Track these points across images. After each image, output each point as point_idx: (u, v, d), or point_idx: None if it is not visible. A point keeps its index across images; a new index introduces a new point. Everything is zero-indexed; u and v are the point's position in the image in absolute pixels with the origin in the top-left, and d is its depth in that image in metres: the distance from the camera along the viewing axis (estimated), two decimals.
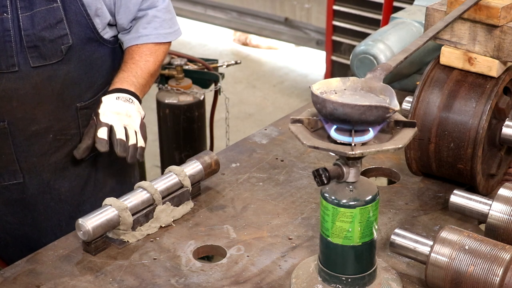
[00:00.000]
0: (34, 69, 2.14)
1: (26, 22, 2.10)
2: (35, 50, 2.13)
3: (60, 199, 2.36)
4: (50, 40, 2.13)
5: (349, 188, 1.58)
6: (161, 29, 2.34)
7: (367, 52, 2.39)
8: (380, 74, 1.60)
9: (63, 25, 2.14)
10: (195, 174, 2.03)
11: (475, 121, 1.92)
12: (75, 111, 2.27)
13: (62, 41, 2.15)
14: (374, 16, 5.61)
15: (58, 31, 2.13)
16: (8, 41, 2.09)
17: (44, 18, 2.11)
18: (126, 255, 1.84)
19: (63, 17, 2.13)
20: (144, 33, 2.33)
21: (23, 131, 2.21)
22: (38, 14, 2.10)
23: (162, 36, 2.35)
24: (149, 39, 2.33)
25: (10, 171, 2.27)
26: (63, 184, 2.35)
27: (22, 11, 2.09)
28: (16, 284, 1.73)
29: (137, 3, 2.29)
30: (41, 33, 2.11)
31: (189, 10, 7.54)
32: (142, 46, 2.33)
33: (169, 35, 2.38)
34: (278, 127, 2.47)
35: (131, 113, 2.15)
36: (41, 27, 2.11)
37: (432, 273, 1.62)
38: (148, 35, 2.33)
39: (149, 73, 2.31)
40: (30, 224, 2.36)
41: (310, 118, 1.58)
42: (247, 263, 1.81)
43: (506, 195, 1.77)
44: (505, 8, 1.86)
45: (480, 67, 1.95)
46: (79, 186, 2.38)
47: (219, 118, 4.71)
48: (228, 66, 4.23)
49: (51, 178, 2.32)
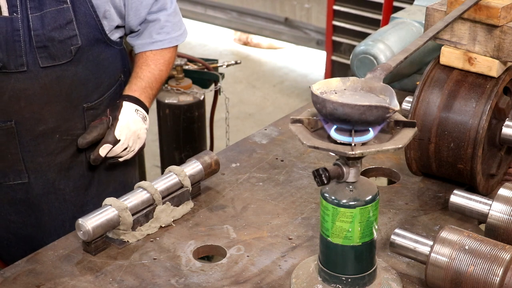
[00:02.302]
0: (43, 70, 2.15)
1: (36, 22, 2.10)
2: (44, 50, 2.13)
3: (64, 199, 2.37)
4: (59, 40, 2.14)
5: (349, 188, 1.58)
6: (173, 33, 2.40)
7: (367, 52, 2.39)
8: (380, 74, 1.60)
9: (73, 26, 2.15)
10: (195, 174, 2.03)
11: (475, 121, 1.92)
12: (81, 111, 2.28)
13: (71, 42, 2.16)
14: (374, 16, 5.61)
15: (67, 31, 2.15)
16: (17, 41, 2.10)
17: (54, 18, 2.12)
18: (126, 255, 1.84)
19: (73, 18, 2.14)
20: (158, 38, 2.37)
21: (30, 131, 2.22)
22: (48, 15, 2.11)
23: (174, 40, 2.40)
24: (163, 44, 2.38)
25: (15, 171, 2.28)
26: (68, 184, 2.36)
27: (32, 11, 2.10)
28: (16, 284, 1.73)
29: (148, 5, 2.31)
30: (50, 34, 2.12)
31: (189, 10, 7.54)
32: (156, 53, 2.38)
33: (180, 37, 2.43)
34: (278, 127, 2.47)
35: (142, 135, 2.28)
36: (51, 27, 2.12)
37: (432, 273, 1.62)
38: (162, 40, 2.38)
39: (161, 83, 2.41)
40: (34, 224, 2.36)
41: (310, 118, 1.58)
42: (247, 263, 1.81)
43: (506, 195, 1.77)
44: (505, 8, 1.86)
45: (480, 67, 1.95)
46: (83, 187, 2.39)
47: (219, 118, 4.71)
48: (228, 66, 4.22)
49: (56, 178, 2.33)
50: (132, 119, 2.24)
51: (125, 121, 2.22)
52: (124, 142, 2.22)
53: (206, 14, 7.57)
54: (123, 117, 2.22)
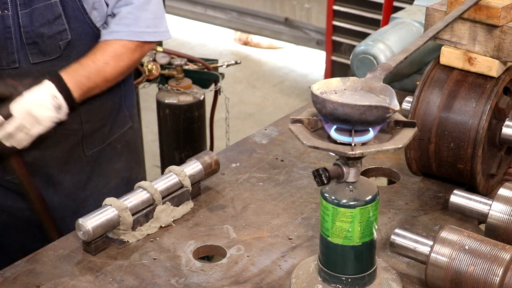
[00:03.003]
0: (34, 66, 2.16)
1: (25, 19, 2.11)
2: (34, 46, 2.14)
3: (63, 194, 2.37)
4: (48, 36, 2.14)
5: (349, 188, 1.58)
6: (134, 27, 2.22)
7: (367, 52, 2.39)
8: (380, 74, 1.60)
9: (62, 20, 2.15)
10: (195, 174, 2.03)
11: (475, 121, 1.92)
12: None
13: (60, 37, 2.16)
14: (374, 16, 5.62)
15: (56, 27, 2.15)
16: (9, 38, 2.11)
17: (43, 14, 2.12)
18: (126, 255, 1.84)
19: (61, 12, 2.14)
20: (115, 29, 2.22)
21: None
22: (36, 11, 2.12)
23: (134, 34, 2.22)
24: (119, 35, 2.21)
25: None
26: (66, 178, 2.36)
27: (21, 8, 2.11)
28: (16, 284, 1.73)
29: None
30: (39, 30, 2.13)
31: (189, 10, 7.54)
32: (110, 43, 2.22)
33: (144, 34, 2.24)
34: (278, 127, 2.47)
35: (44, 122, 2.08)
36: (40, 23, 2.12)
37: (432, 273, 1.62)
38: (118, 31, 2.21)
39: (104, 78, 2.21)
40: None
41: (310, 118, 1.58)
42: (247, 263, 1.81)
43: (506, 195, 1.76)
44: (505, 8, 1.86)
45: (480, 67, 1.95)
46: (82, 181, 2.40)
47: (219, 118, 4.71)
48: (228, 66, 4.23)
49: (54, 172, 2.33)
50: (39, 103, 2.06)
51: (28, 102, 2.05)
52: (16, 120, 2.04)
53: (206, 14, 7.58)
54: (28, 98, 2.05)
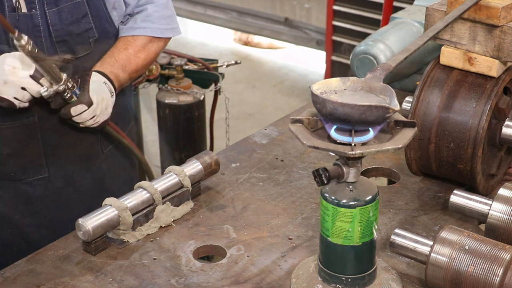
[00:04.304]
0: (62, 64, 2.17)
1: (53, 18, 2.15)
2: (63, 44, 2.18)
3: (82, 192, 2.39)
4: (77, 34, 2.19)
5: (349, 188, 1.58)
6: (159, 24, 2.37)
7: (367, 52, 2.39)
8: (380, 74, 1.60)
9: (88, 19, 2.21)
10: (195, 174, 2.03)
11: (475, 121, 1.92)
12: None
13: (88, 35, 2.22)
14: (374, 16, 5.61)
15: (84, 25, 2.20)
16: (38, 37, 2.15)
17: (71, 12, 2.17)
18: (126, 255, 1.84)
19: (88, 11, 2.20)
20: (142, 25, 2.35)
21: (52, 124, 2.24)
22: (64, 9, 2.16)
23: (159, 31, 2.37)
24: (145, 31, 2.35)
25: (35, 166, 2.29)
26: (86, 176, 2.39)
27: (48, 7, 2.15)
28: (16, 284, 1.73)
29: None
30: (68, 28, 2.17)
31: (189, 10, 7.54)
32: (137, 38, 2.35)
33: (166, 31, 2.40)
34: (278, 127, 2.47)
35: (109, 108, 2.21)
36: (69, 21, 2.17)
37: (432, 273, 1.62)
38: (145, 28, 2.35)
39: (136, 70, 2.35)
40: (48, 226, 2.36)
41: (310, 118, 1.58)
42: (247, 263, 1.81)
43: (506, 195, 1.76)
44: (505, 8, 1.86)
45: (480, 67, 1.95)
46: (99, 178, 2.42)
47: (219, 118, 4.71)
48: (228, 66, 4.23)
49: (75, 170, 2.35)
50: (102, 88, 2.19)
51: (97, 86, 2.17)
52: (97, 108, 2.15)
53: (206, 14, 7.57)
54: (94, 83, 2.17)
